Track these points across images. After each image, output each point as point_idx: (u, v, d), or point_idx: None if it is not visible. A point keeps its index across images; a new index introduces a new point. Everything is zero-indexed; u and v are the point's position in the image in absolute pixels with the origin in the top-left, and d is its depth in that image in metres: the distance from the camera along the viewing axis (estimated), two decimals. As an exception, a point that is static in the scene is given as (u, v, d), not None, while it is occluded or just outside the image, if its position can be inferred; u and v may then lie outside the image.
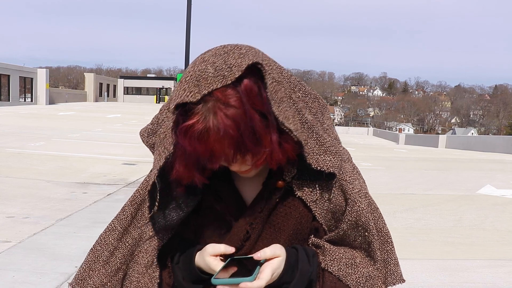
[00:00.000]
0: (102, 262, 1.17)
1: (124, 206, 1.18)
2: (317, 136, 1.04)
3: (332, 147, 1.05)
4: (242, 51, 0.95)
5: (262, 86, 0.94)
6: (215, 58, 0.94)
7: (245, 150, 0.94)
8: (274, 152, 0.97)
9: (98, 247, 1.18)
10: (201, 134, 0.91)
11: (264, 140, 0.94)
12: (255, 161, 0.98)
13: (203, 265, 1.06)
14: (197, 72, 0.93)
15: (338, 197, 1.07)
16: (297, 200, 1.08)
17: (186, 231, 1.14)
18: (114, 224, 1.17)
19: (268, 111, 0.94)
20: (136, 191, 1.17)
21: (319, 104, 1.09)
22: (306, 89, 1.07)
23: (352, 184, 1.07)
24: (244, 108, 0.91)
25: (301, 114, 1.02)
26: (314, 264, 1.06)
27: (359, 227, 1.07)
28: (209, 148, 0.93)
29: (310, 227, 1.11)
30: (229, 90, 0.91)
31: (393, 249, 1.13)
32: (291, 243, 1.09)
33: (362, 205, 1.06)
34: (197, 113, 0.92)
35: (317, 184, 1.07)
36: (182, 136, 0.93)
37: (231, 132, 0.90)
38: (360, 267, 1.08)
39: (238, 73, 0.91)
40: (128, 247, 1.16)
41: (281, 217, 1.09)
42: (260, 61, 0.95)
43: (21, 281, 4.25)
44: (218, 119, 0.90)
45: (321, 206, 1.08)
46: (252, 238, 1.08)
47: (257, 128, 0.92)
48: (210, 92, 0.91)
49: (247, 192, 1.11)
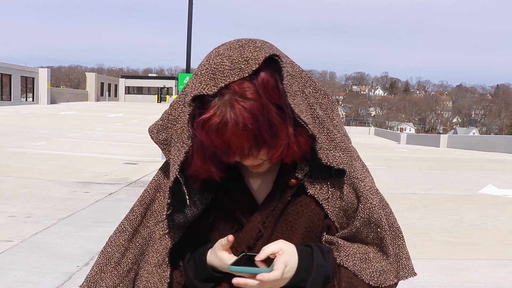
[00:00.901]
0: (113, 264, 1.16)
1: (133, 207, 1.17)
2: (328, 131, 1.04)
3: (342, 143, 1.05)
4: (257, 44, 0.96)
5: (278, 78, 0.95)
6: (231, 52, 0.94)
7: (262, 143, 0.94)
8: (291, 145, 0.97)
9: (109, 248, 1.18)
10: (219, 127, 0.92)
11: (281, 133, 0.95)
12: (271, 155, 0.98)
13: (216, 262, 1.06)
14: (213, 65, 0.93)
15: (350, 195, 1.07)
16: (309, 198, 1.08)
17: (195, 230, 1.13)
18: (124, 225, 1.17)
19: (285, 103, 0.95)
20: (145, 191, 1.17)
21: (328, 101, 1.09)
22: (316, 85, 1.08)
23: (364, 182, 1.07)
24: (261, 101, 0.91)
25: (313, 109, 1.03)
26: (329, 260, 1.07)
27: (371, 223, 1.07)
28: (226, 141, 0.93)
29: (322, 225, 1.10)
30: (246, 83, 0.91)
31: (404, 244, 1.14)
32: (304, 241, 1.09)
33: (374, 202, 1.07)
34: (213, 106, 0.92)
35: (329, 181, 1.07)
36: (199, 129, 0.93)
37: (249, 125, 0.91)
38: (373, 262, 1.09)
39: (255, 66, 0.92)
40: (139, 247, 1.16)
41: (293, 215, 1.09)
42: (277, 53, 0.95)
43: (23, 281, 4.25)
44: (236, 111, 0.90)
45: (333, 204, 1.08)
46: (264, 237, 1.08)
47: (274, 121, 0.93)
48: (226, 85, 0.91)
49: (258, 190, 1.11)
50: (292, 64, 1.02)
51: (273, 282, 0.98)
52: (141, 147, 14.65)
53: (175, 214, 1.08)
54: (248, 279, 0.98)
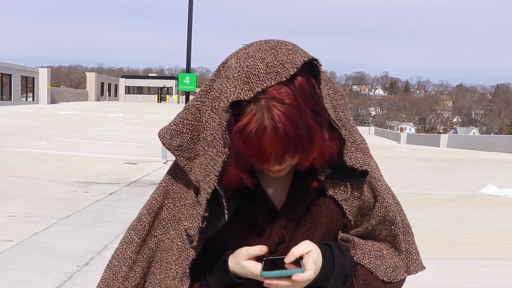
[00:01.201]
0: (121, 279, 1.11)
1: (140, 216, 1.12)
2: (349, 133, 1.04)
3: (362, 144, 1.06)
4: (288, 47, 0.92)
5: (315, 83, 0.93)
6: (263, 54, 0.90)
7: (299, 148, 0.92)
8: (325, 150, 0.96)
9: (116, 262, 1.11)
10: (257, 133, 0.88)
11: (317, 139, 0.93)
12: (304, 161, 0.96)
13: (237, 269, 1.02)
14: (245, 68, 0.89)
15: (367, 194, 1.09)
16: (328, 198, 1.08)
17: (214, 239, 1.08)
18: (130, 236, 1.11)
19: (323, 108, 0.93)
20: (152, 198, 1.11)
21: (345, 102, 1.08)
22: (335, 87, 1.07)
23: (380, 181, 1.09)
24: (299, 106, 0.88)
25: (337, 112, 1.03)
26: (348, 258, 1.08)
27: (386, 221, 1.10)
28: (264, 148, 0.90)
29: (340, 224, 1.11)
30: (284, 87, 0.88)
31: (413, 239, 1.17)
32: (323, 240, 1.09)
33: (390, 201, 1.09)
34: (249, 112, 0.88)
35: (348, 182, 1.08)
36: (237, 137, 0.89)
37: (289, 132, 0.88)
38: (387, 259, 1.12)
39: (293, 70, 0.88)
40: (147, 259, 1.11)
41: (314, 217, 1.08)
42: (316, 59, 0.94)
43: (23, 280, 4.25)
44: (275, 117, 0.87)
45: (351, 203, 1.09)
46: (286, 240, 1.07)
47: (312, 127, 0.91)
48: (263, 90, 0.87)
49: (274, 193, 1.09)
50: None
51: (306, 282, 0.97)
52: (141, 147, 14.65)
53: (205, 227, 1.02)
54: (280, 280, 0.96)
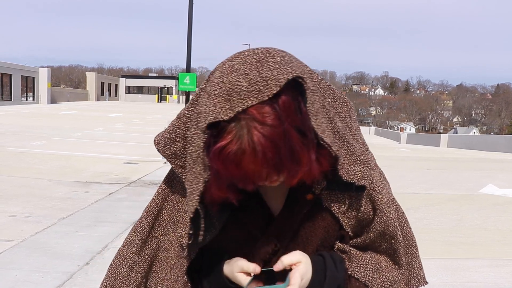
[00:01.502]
0: (122, 278, 1.13)
1: (141, 218, 1.14)
2: (348, 145, 0.99)
3: (362, 156, 1.01)
4: (275, 59, 0.87)
5: (301, 100, 0.87)
6: (247, 68, 0.85)
7: (282, 169, 0.88)
8: (312, 170, 0.91)
9: (118, 262, 1.14)
10: (236, 156, 0.84)
11: (303, 159, 0.88)
12: (290, 178, 0.91)
13: (231, 276, 1.03)
14: (228, 84, 0.84)
15: (367, 207, 1.04)
16: (325, 210, 1.05)
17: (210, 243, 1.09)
18: (131, 237, 1.14)
19: (308, 127, 0.88)
20: (152, 201, 1.13)
21: (347, 108, 1.04)
22: (336, 93, 1.02)
23: (381, 194, 1.04)
24: (283, 126, 0.83)
25: (333, 123, 0.97)
26: (341, 270, 1.05)
27: (386, 236, 1.06)
28: (244, 170, 0.86)
29: (337, 235, 1.09)
30: (266, 107, 0.82)
31: (417, 253, 1.13)
32: (318, 251, 1.08)
33: (391, 215, 1.04)
34: (230, 132, 0.84)
35: (346, 195, 1.03)
36: (215, 158, 0.86)
37: (269, 153, 0.83)
38: (385, 272, 1.08)
39: (276, 88, 0.83)
40: (148, 260, 1.13)
41: (309, 228, 1.06)
42: (300, 74, 0.87)
43: (23, 280, 4.25)
44: (255, 139, 0.82)
45: (348, 216, 1.06)
46: (280, 251, 1.06)
47: (296, 148, 0.86)
48: (244, 109, 0.82)
49: (273, 202, 1.07)
50: (311, 75, 0.95)
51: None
52: (141, 146, 14.65)
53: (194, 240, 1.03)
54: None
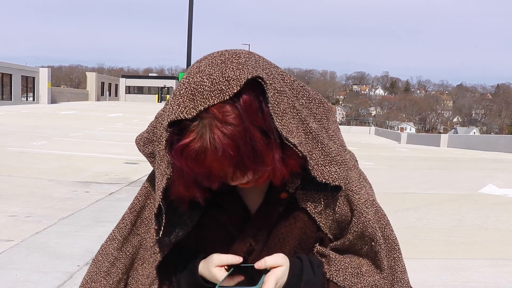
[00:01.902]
0: (103, 273, 1.15)
1: (124, 214, 1.16)
2: (322, 146, 0.99)
3: (338, 157, 1.01)
4: (240, 60, 0.89)
5: (263, 100, 0.88)
6: (212, 69, 0.87)
7: (245, 168, 0.89)
8: (277, 170, 0.92)
9: (100, 257, 1.16)
10: (198, 153, 0.86)
11: (266, 159, 0.89)
12: (257, 179, 0.94)
13: (207, 274, 1.04)
14: (192, 84, 0.87)
15: (344, 207, 1.03)
16: (302, 210, 1.05)
17: (187, 241, 1.11)
18: (114, 233, 1.15)
19: (270, 127, 0.89)
20: (135, 198, 1.15)
21: (324, 109, 1.04)
22: (310, 94, 1.02)
23: (359, 194, 1.03)
24: (244, 125, 0.85)
25: (305, 124, 0.97)
26: (319, 274, 1.04)
27: (365, 237, 1.03)
28: (207, 168, 0.88)
29: (315, 237, 1.08)
30: (227, 106, 0.85)
31: (400, 256, 1.09)
32: (296, 253, 1.07)
33: (369, 216, 1.02)
34: (192, 131, 0.86)
35: (322, 195, 1.03)
36: (178, 156, 0.88)
37: (230, 152, 0.85)
38: (366, 276, 1.06)
39: (237, 88, 0.85)
40: (129, 256, 1.15)
41: (285, 228, 1.06)
42: (261, 73, 0.89)
43: (24, 280, 4.26)
44: (216, 138, 0.85)
45: (325, 217, 1.05)
46: (256, 250, 1.06)
47: (258, 147, 0.87)
48: (206, 108, 0.85)
49: (251, 201, 1.08)
50: (282, 76, 0.97)
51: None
52: (141, 146, 14.61)
53: (166, 236, 1.05)
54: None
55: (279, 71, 0.97)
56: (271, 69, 0.94)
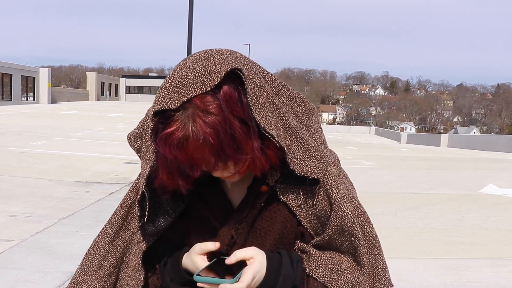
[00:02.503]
0: (95, 267, 1.17)
1: (115, 210, 1.19)
2: (301, 141, 1.03)
3: (317, 152, 1.04)
4: (222, 56, 0.95)
5: (242, 92, 0.93)
6: (195, 64, 0.93)
7: (225, 157, 0.93)
8: (256, 159, 0.96)
9: (92, 251, 1.19)
10: (181, 142, 0.91)
11: (245, 147, 0.94)
12: (238, 169, 0.97)
13: (190, 266, 1.06)
14: (177, 78, 0.92)
15: (323, 202, 1.06)
16: (282, 204, 1.07)
17: (172, 235, 1.14)
18: (105, 228, 1.18)
19: (249, 117, 0.93)
20: (126, 194, 1.19)
21: (305, 108, 1.08)
22: (291, 93, 1.06)
23: (337, 189, 1.05)
24: (224, 115, 0.90)
25: (284, 119, 1.01)
26: (298, 269, 1.05)
27: (344, 232, 1.05)
28: (189, 156, 0.92)
29: (296, 232, 1.10)
30: (208, 97, 0.90)
31: (381, 254, 1.10)
32: (277, 247, 1.09)
33: (348, 210, 1.04)
34: (176, 120, 0.91)
35: (301, 189, 1.06)
36: (162, 144, 0.92)
37: (211, 140, 0.90)
38: (346, 273, 1.06)
39: (217, 80, 0.90)
40: (120, 250, 1.17)
41: (266, 222, 1.08)
42: (240, 67, 0.93)
43: (24, 280, 4.26)
44: (197, 126, 0.89)
45: (305, 211, 1.07)
46: (238, 243, 1.08)
47: (237, 135, 0.92)
48: (189, 99, 0.90)
49: (234, 196, 1.11)
50: (263, 73, 1.01)
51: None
52: (141, 146, 14.62)
53: (149, 224, 1.09)
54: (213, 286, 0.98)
55: (261, 69, 1.03)
56: (252, 66, 0.99)
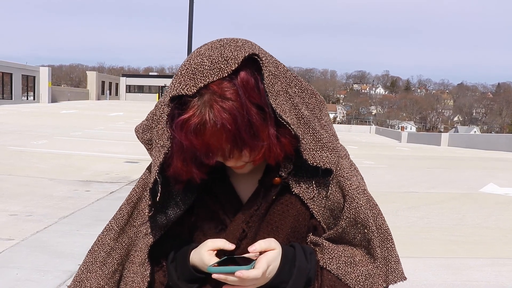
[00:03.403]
0: (99, 264, 1.15)
1: (121, 205, 1.17)
2: (314, 132, 1.02)
3: (329, 143, 1.03)
4: (238, 43, 0.94)
5: (259, 78, 0.93)
6: (211, 52, 0.93)
7: (242, 144, 0.93)
8: (272, 146, 0.95)
9: (96, 247, 1.17)
10: (198, 127, 0.90)
11: (262, 134, 0.93)
12: (253, 157, 0.96)
13: (198, 263, 1.04)
14: (193, 65, 0.92)
15: (336, 194, 1.05)
16: (294, 197, 1.06)
17: (181, 230, 1.12)
18: (111, 224, 1.16)
19: (265, 103, 0.93)
20: (133, 190, 1.16)
21: (316, 100, 1.07)
22: (303, 85, 1.06)
23: (350, 181, 1.04)
24: (241, 101, 0.90)
25: (297, 109, 1.01)
26: (312, 262, 1.04)
27: (358, 224, 1.04)
28: (206, 142, 0.92)
29: (308, 225, 1.09)
30: (225, 82, 0.90)
31: (393, 246, 1.09)
32: (289, 241, 1.08)
33: (361, 202, 1.03)
34: (193, 107, 0.90)
35: (314, 180, 1.05)
36: (178, 130, 0.92)
37: (228, 125, 0.89)
38: (359, 266, 1.06)
39: (235, 66, 0.90)
40: (125, 247, 1.15)
41: (278, 215, 1.07)
42: (257, 52, 0.94)
43: (24, 279, 4.26)
44: (215, 112, 0.89)
45: (318, 203, 1.06)
46: (249, 237, 1.07)
47: (254, 121, 0.91)
48: (206, 85, 0.89)
49: (243, 190, 1.10)
50: (276, 63, 1.01)
51: (253, 280, 0.96)
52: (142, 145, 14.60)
53: (158, 215, 1.07)
54: (228, 275, 0.97)
55: (274, 59, 1.02)
56: (266, 55, 0.99)
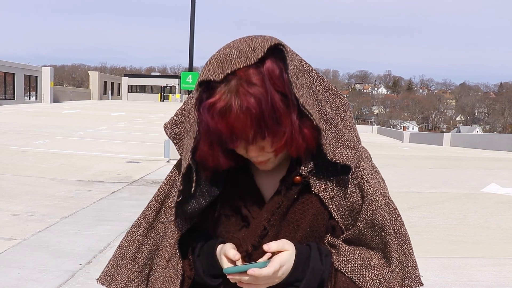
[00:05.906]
0: (129, 258, 1.19)
1: (149, 203, 1.21)
2: (336, 129, 1.04)
3: (350, 142, 1.05)
4: (266, 37, 0.99)
5: (283, 68, 0.97)
6: (240, 44, 0.98)
7: (265, 128, 0.95)
8: (295, 133, 0.98)
9: (125, 243, 1.21)
10: (223, 110, 0.94)
11: (284, 120, 0.96)
12: (276, 146, 0.99)
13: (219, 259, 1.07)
14: (222, 55, 0.97)
15: (355, 194, 1.06)
16: (314, 196, 1.08)
17: (206, 223, 1.15)
18: (139, 221, 1.20)
19: (290, 92, 0.97)
20: (160, 187, 1.20)
21: (341, 101, 1.09)
22: (327, 84, 1.09)
23: (370, 182, 1.06)
24: (266, 86, 0.94)
25: (320, 106, 1.04)
26: (326, 263, 1.05)
27: (375, 226, 1.05)
28: (231, 125, 0.95)
29: (327, 225, 1.09)
30: (252, 69, 0.94)
31: (411, 251, 1.10)
32: (307, 240, 1.08)
33: (379, 204, 1.05)
34: (220, 91, 0.95)
35: (334, 180, 1.06)
36: (205, 113, 0.96)
37: (253, 109, 0.93)
38: (374, 270, 1.06)
39: (261, 54, 0.94)
40: (153, 242, 1.19)
41: (298, 214, 1.08)
42: (283, 44, 0.98)
43: (26, 278, 4.27)
44: (241, 96, 0.93)
45: (337, 204, 1.08)
46: (270, 235, 1.08)
47: (278, 107, 0.95)
48: (233, 72, 0.94)
49: (266, 189, 1.11)
50: (301, 61, 1.04)
51: (265, 278, 0.98)
52: (144, 145, 14.66)
53: (184, 204, 1.10)
54: (242, 275, 0.99)
55: (299, 57, 1.05)
56: (292, 50, 1.02)
